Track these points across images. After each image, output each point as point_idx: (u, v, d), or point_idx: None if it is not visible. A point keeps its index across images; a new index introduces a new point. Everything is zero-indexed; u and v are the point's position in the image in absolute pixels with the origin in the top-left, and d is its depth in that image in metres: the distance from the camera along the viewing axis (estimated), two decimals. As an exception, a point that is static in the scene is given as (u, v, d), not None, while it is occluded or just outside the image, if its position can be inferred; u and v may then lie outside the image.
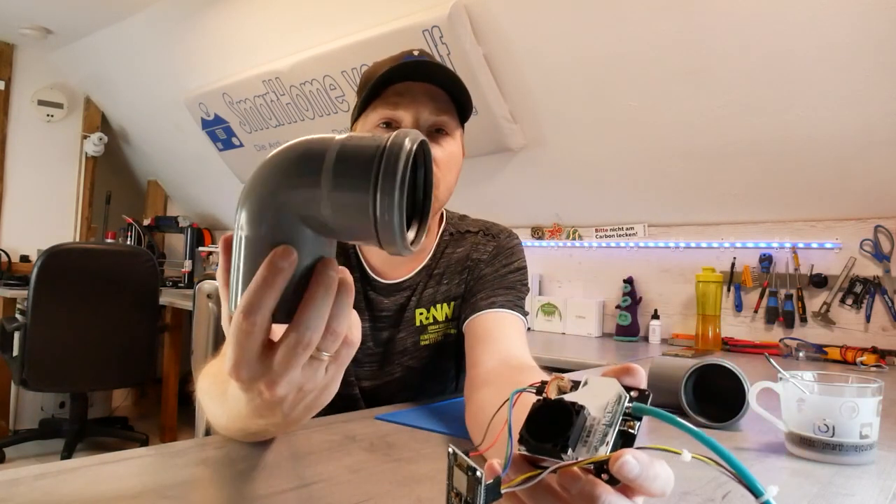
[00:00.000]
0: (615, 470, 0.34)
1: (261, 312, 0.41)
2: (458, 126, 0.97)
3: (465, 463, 0.39)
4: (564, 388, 0.41)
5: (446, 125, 0.93)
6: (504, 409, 0.42)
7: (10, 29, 3.69)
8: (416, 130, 0.43)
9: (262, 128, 3.31)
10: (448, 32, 2.22)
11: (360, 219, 0.40)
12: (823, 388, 0.74)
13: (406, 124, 0.90)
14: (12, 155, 4.03)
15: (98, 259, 2.97)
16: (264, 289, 0.40)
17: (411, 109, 0.90)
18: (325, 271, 0.42)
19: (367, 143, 0.41)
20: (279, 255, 0.40)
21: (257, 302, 0.40)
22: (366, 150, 0.40)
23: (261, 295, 0.40)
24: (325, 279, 0.42)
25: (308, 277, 0.42)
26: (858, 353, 1.79)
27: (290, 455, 0.67)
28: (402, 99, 0.90)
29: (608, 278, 2.56)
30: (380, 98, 0.92)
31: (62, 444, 3.13)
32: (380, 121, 0.91)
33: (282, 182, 0.41)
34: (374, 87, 0.90)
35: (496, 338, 0.89)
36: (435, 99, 0.92)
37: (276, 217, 0.41)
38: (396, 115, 0.90)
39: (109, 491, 0.55)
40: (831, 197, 2.00)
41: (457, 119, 0.96)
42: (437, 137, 0.92)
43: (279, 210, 0.41)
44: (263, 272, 0.40)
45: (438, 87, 0.92)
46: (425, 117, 0.91)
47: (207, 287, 1.59)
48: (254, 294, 0.40)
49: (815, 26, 1.69)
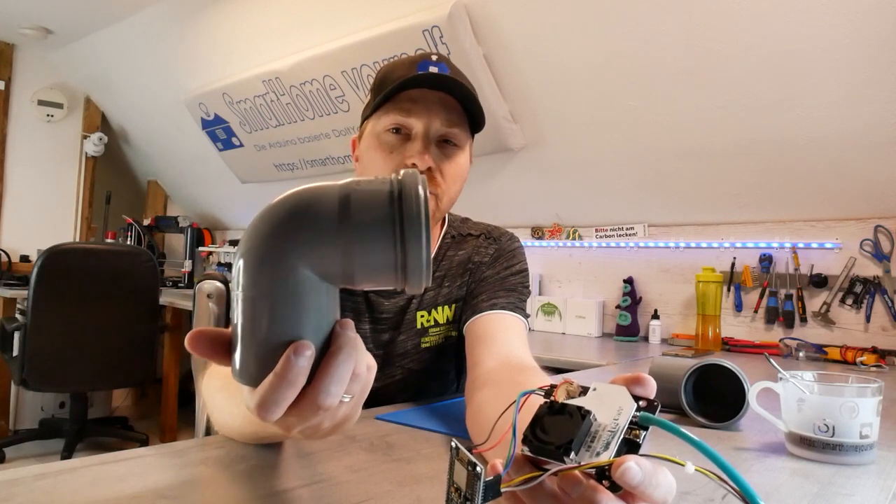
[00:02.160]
0: (617, 476, 0.34)
1: (279, 407, 0.40)
2: (468, 138, 0.96)
3: (466, 458, 0.39)
4: (573, 392, 0.41)
5: (456, 137, 0.92)
6: (510, 410, 0.42)
7: (10, 29, 3.69)
8: (415, 171, 0.42)
9: (262, 128, 3.31)
10: (448, 32, 2.22)
11: (384, 268, 0.39)
12: (823, 388, 0.74)
13: (417, 132, 0.89)
14: (12, 155, 4.03)
15: (98, 259, 2.96)
16: (283, 388, 0.39)
17: (423, 118, 0.89)
18: (344, 334, 0.41)
19: (375, 188, 0.40)
20: (297, 351, 0.39)
21: (275, 399, 0.39)
22: (377, 196, 0.39)
23: (279, 394, 0.39)
24: (345, 344, 0.41)
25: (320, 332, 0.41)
26: (858, 353, 1.79)
27: (290, 455, 0.67)
28: (415, 106, 0.90)
29: (608, 278, 2.56)
30: (392, 102, 0.91)
31: (62, 444, 3.13)
32: (391, 126, 0.90)
33: (286, 236, 0.40)
34: (391, 91, 0.90)
35: (497, 339, 0.89)
36: (447, 109, 0.91)
37: (283, 273, 0.39)
38: (408, 122, 0.90)
39: (109, 491, 0.55)
40: (831, 197, 2.00)
41: (467, 131, 0.95)
42: (445, 148, 0.92)
43: (285, 266, 0.39)
44: (280, 372, 0.39)
45: (453, 97, 0.92)
46: (436, 127, 0.90)
47: (207, 287, 1.59)
48: (270, 392, 0.39)
49: (815, 26, 1.69)
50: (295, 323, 0.40)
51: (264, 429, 0.54)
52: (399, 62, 0.95)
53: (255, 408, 0.40)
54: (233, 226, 4.45)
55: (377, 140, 0.92)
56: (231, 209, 4.34)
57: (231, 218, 4.42)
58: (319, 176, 3.33)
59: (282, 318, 0.40)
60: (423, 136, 0.89)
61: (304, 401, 0.41)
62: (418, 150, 0.88)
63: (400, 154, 0.90)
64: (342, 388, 0.41)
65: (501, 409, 0.48)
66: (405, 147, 0.90)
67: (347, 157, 3.09)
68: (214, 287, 1.59)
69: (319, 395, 0.40)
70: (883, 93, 1.72)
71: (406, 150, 0.90)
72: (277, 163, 3.45)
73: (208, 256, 4.12)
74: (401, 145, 0.90)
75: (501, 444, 0.41)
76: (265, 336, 0.40)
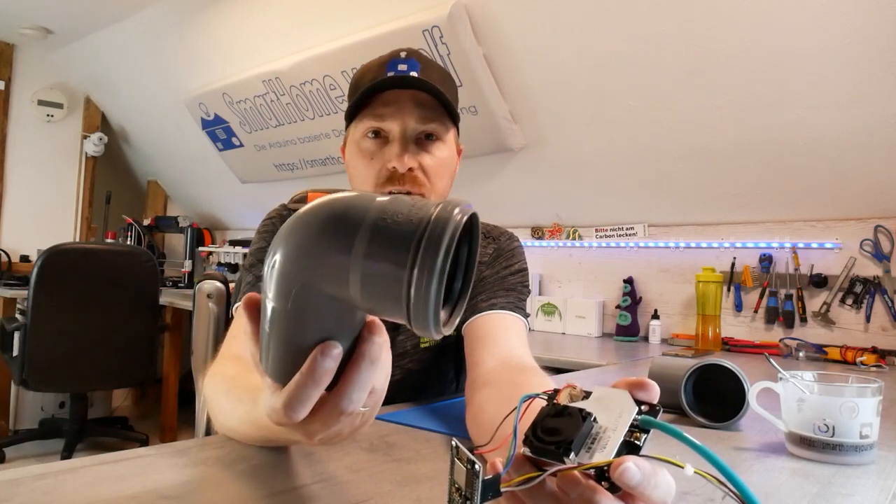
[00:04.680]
0: (616, 476, 0.34)
1: (304, 407, 0.40)
2: (449, 128, 0.95)
3: (465, 456, 0.39)
4: (576, 396, 0.41)
5: (435, 131, 0.92)
6: (514, 414, 0.42)
7: (10, 29, 3.69)
8: (465, 200, 0.37)
9: (262, 128, 3.31)
10: (448, 32, 2.22)
11: (391, 296, 0.35)
12: (823, 388, 0.74)
13: (394, 135, 0.89)
14: (12, 155, 4.03)
15: (98, 259, 2.97)
16: (309, 387, 0.39)
17: (397, 120, 0.89)
18: (370, 339, 0.41)
19: (410, 209, 0.36)
20: (324, 351, 0.39)
21: (301, 398, 0.39)
22: (409, 218, 0.35)
23: (305, 394, 0.39)
24: (371, 351, 0.41)
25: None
26: (858, 353, 1.79)
27: (290, 455, 0.66)
28: (387, 109, 0.90)
29: (608, 278, 2.56)
30: (368, 107, 0.91)
31: (62, 444, 3.13)
32: (367, 130, 0.91)
33: (310, 250, 0.38)
34: (360, 98, 0.90)
35: (497, 339, 0.89)
36: (422, 106, 0.90)
37: (303, 291, 0.38)
38: (384, 125, 0.90)
39: (109, 491, 0.55)
40: (831, 197, 2.00)
41: (447, 122, 0.94)
42: (426, 144, 0.92)
43: (305, 284, 0.38)
44: (307, 371, 0.39)
45: (425, 92, 0.91)
46: (412, 126, 0.90)
47: (207, 287, 1.59)
48: (296, 390, 0.39)
49: (815, 26, 1.69)
50: (323, 326, 0.40)
51: (276, 434, 0.54)
52: (369, 65, 0.95)
53: (282, 407, 0.40)
54: (233, 226, 4.45)
55: (357, 147, 0.93)
56: (231, 209, 4.34)
57: (231, 218, 4.42)
58: (319, 176, 3.33)
59: (309, 322, 0.40)
60: (401, 137, 0.89)
61: (327, 405, 0.41)
62: (396, 152, 0.89)
63: (380, 159, 0.90)
64: (364, 395, 0.41)
65: (502, 409, 0.48)
66: (384, 151, 0.90)
67: (347, 157, 3.09)
68: (214, 287, 1.59)
69: (342, 401, 0.40)
70: (883, 93, 1.72)
71: (385, 153, 0.90)
72: (277, 163, 3.45)
73: (208, 256, 4.12)
74: (380, 150, 0.90)
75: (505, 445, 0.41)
76: (293, 337, 0.40)
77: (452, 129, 0.97)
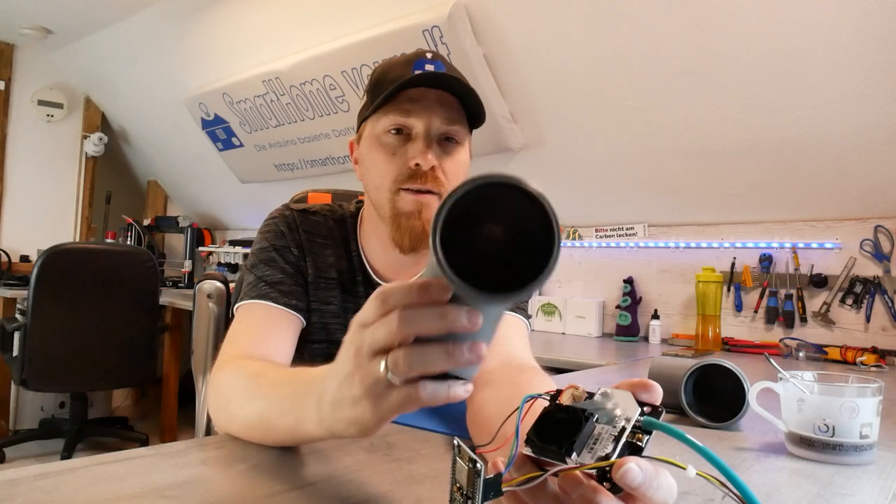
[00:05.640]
0: (618, 477, 0.34)
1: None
2: (467, 134, 0.96)
3: (467, 455, 0.39)
4: (579, 397, 0.41)
5: (457, 134, 0.92)
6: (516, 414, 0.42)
7: (10, 29, 3.69)
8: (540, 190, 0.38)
9: (262, 128, 3.31)
10: (448, 32, 2.22)
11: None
12: (823, 388, 0.74)
13: (417, 132, 0.89)
14: (12, 155, 4.03)
15: (98, 259, 2.96)
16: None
17: (423, 117, 0.89)
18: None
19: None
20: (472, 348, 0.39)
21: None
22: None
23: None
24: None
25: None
26: (858, 353, 1.79)
27: (290, 455, 0.66)
28: (414, 106, 0.89)
29: (608, 278, 2.56)
30: (391, 102, 0.90)
31: (62, 444, 3.13)
32: (391, 126, 0.90)
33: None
34: (389, 92, 0.89)
35: (498, 339, 0.89)
36: (447, 107, 0.90)
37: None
38: (408, 122, 0.89)
39: (109, 491, 0.54)
40: (831, 197, 2.00)
41: (466, 127, 0.95)
42: (446, 146, 0.92)
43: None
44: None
45: (452, 94, 0.91)
46: (437, 126, 0.90)
47: (207, 287, 1.59)
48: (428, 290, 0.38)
49: (816, 26, 1.69)
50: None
51: (302, 426, 0.55)
52: (394, 62, 0.95)
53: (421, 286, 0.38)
54: (233, 226, 4.45)
55: (377, 142, 0.92)
56: (231, 209, 4.34)
57: (231, 218, 4.42)
58: (319, 176, 3.33)
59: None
60: (425, 135, 0.89)
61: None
62: (420, 149, 0.88)
63: (402, 155, 0.90)
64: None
65: (502, 409, 0.48)
66: (407, 147, 0.90)
67: (347, 158, 3.09)
68: (214, 287, 1.59)
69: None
70: (883, 93, 1.72)
71: (408, 150, 0.89)
72: (277, 163, 3.45)
73: (208, 256, 4.11)
74: (402, 146, 0.90)
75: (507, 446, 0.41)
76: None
77: (469, 135, 0.97)
